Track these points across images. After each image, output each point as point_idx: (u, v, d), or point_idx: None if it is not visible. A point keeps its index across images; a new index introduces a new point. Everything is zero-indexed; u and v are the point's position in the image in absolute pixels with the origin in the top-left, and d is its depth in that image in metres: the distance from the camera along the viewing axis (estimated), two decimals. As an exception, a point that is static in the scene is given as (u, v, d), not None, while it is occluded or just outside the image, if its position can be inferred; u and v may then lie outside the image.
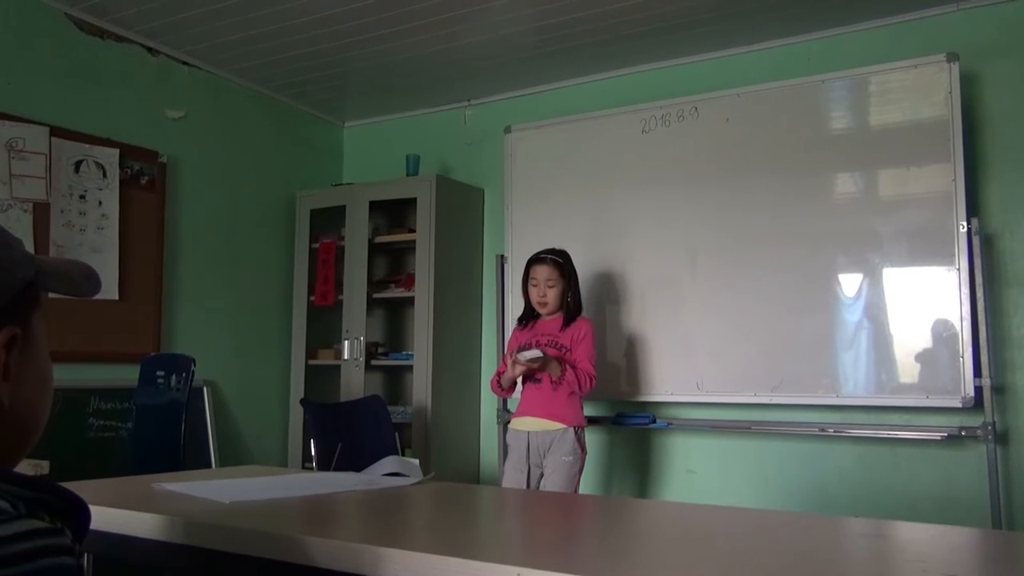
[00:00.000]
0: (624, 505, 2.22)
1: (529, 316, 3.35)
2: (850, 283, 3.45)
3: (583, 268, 3.62)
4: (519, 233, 4.19)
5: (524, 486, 3.19)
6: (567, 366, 3.16)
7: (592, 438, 3.83)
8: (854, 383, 3.41)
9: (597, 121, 4.06)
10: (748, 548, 1.31)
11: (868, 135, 3.48)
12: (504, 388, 3.30)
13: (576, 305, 3.30)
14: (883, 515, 1.92)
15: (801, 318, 3.51)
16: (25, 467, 2.42)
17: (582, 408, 3.28)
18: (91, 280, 0.84)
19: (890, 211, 3.40)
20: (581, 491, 3.35)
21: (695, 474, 3.87)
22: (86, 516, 0.73)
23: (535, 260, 3.32)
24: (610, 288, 3.93)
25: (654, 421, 3.83)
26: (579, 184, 4.07)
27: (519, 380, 3.24)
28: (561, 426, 3.18)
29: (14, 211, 3.39)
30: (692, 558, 1.24)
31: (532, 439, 3.20)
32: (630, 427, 3.91)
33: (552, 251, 3.33)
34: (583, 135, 4.09)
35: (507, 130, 4.29)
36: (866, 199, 3.49)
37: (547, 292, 3.24)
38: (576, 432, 3.19)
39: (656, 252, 3.85)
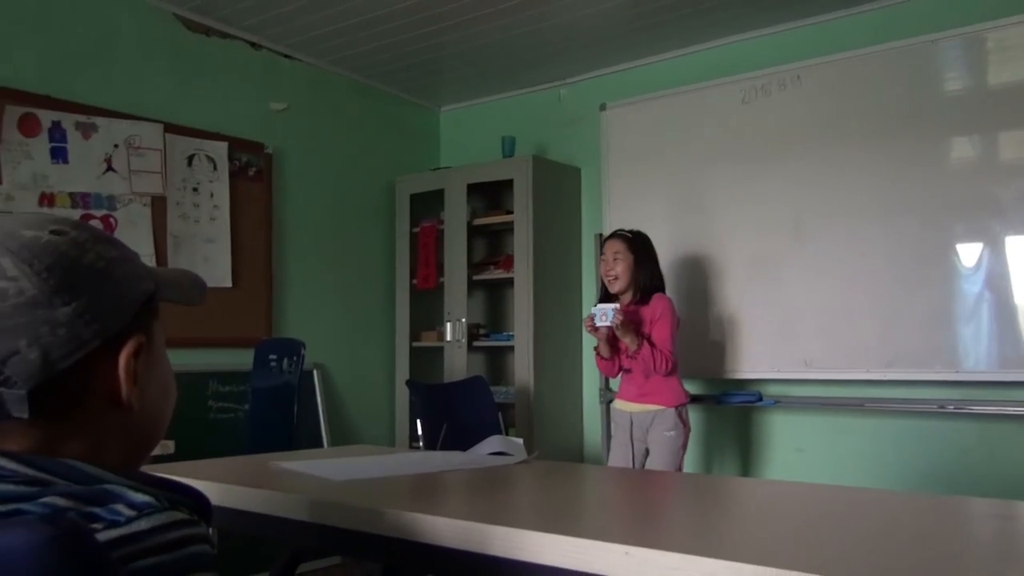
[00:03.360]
0: (731, 483, 2.18)
1: (604, 297, 3.33)
2: (969, 253, 3.28)
3: (679, 244, 3.55)
4: (617, 211, 4.14)
5: (630, 464, 3.19)
6: (644, 341, 3.13)
7: (693, 416, 3.77)
8: (975, 358, 3.25)
9: (694, 94, 3.97)
10: (866, 529, 1.26)
11: (985, 96, 3.29)
12: (604, 357, 3.27)
13: (651, 283, 3.25)
14: (1010, 495, 1.82)
15: (916, 291, 3.36)
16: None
17: (681, 385, 3.24)
18: (199, 287, 0.90)
19: (1011, 176, 3.21)
20: (684, 470, 3.31)
21: (804, 453, 3.77)
22: (208, 509, 0.78)
23: (606, 238, 3.31)
24: (710, 264, 3.85)
25: (760, 399, 3.75)
26: (677, 159, 4.00)
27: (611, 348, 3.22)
28: (660, 407, 3.15)
29: (135, 205, 3.57)
30: (806, 538, 1.20)
31: (635, 418, 3.20)
32: (734, 405, 3.84)
33: (623, 229, 3.30)
34: (680, 109, 4.00)
35: (602, 108, 4.25)
36: (985, 164, 3.30)
37: (615, 266, 3.20)
38: (677, 409, 3.16)
39: (758, 226, 3.75)
